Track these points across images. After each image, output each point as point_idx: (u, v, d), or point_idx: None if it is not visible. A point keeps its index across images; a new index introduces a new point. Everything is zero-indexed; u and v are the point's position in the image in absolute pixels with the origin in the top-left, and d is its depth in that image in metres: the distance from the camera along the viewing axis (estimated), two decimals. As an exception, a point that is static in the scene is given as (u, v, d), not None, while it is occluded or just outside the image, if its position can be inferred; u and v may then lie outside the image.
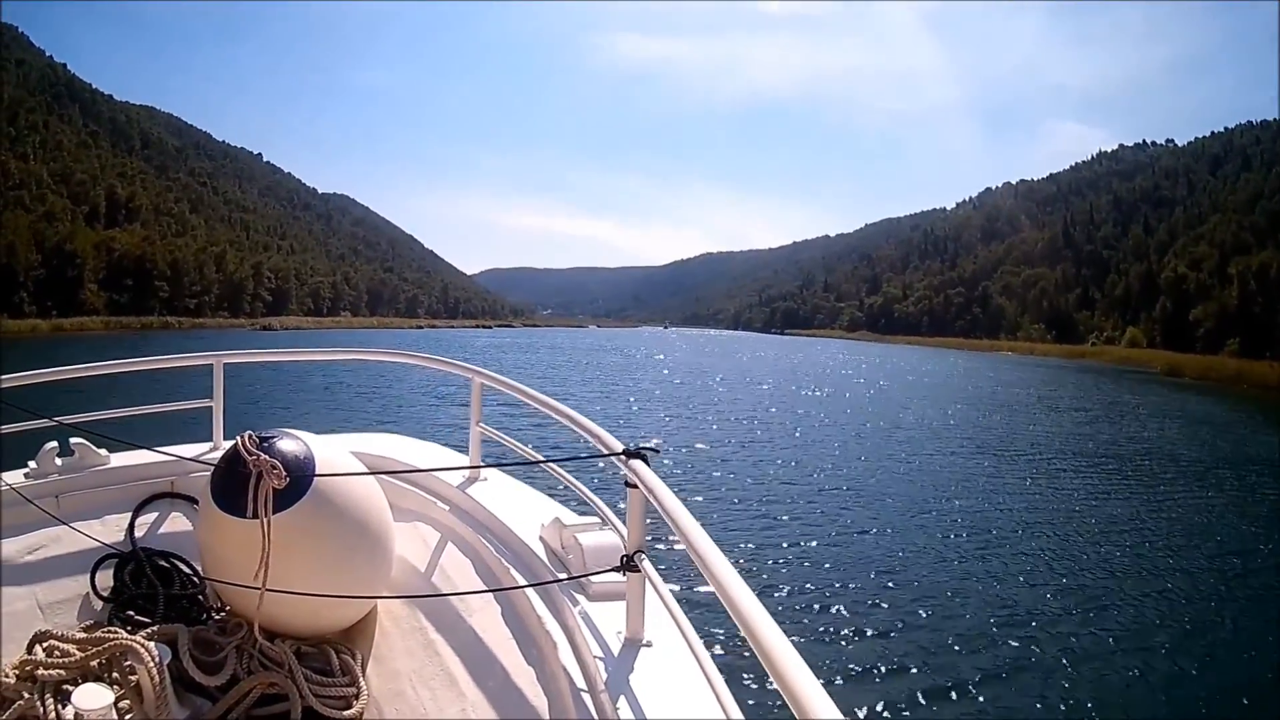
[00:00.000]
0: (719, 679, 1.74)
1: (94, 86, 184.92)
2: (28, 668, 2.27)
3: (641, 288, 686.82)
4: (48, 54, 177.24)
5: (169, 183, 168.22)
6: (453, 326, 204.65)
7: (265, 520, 2.50)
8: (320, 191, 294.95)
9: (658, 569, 2.16)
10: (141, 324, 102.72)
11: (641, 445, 2.27)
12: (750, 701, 6.74)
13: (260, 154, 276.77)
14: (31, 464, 3.50)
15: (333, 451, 2.85)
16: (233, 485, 2.60)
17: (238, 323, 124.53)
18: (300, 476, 2.64)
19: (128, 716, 2.20)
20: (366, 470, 2.95)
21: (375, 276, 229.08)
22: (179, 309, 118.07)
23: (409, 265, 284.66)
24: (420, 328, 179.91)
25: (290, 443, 2.74)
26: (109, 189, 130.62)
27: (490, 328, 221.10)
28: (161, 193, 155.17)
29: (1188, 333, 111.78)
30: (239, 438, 2.70)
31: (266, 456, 2.61)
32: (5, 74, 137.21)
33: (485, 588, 2.96)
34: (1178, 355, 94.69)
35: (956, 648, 9.36)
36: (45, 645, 2.36)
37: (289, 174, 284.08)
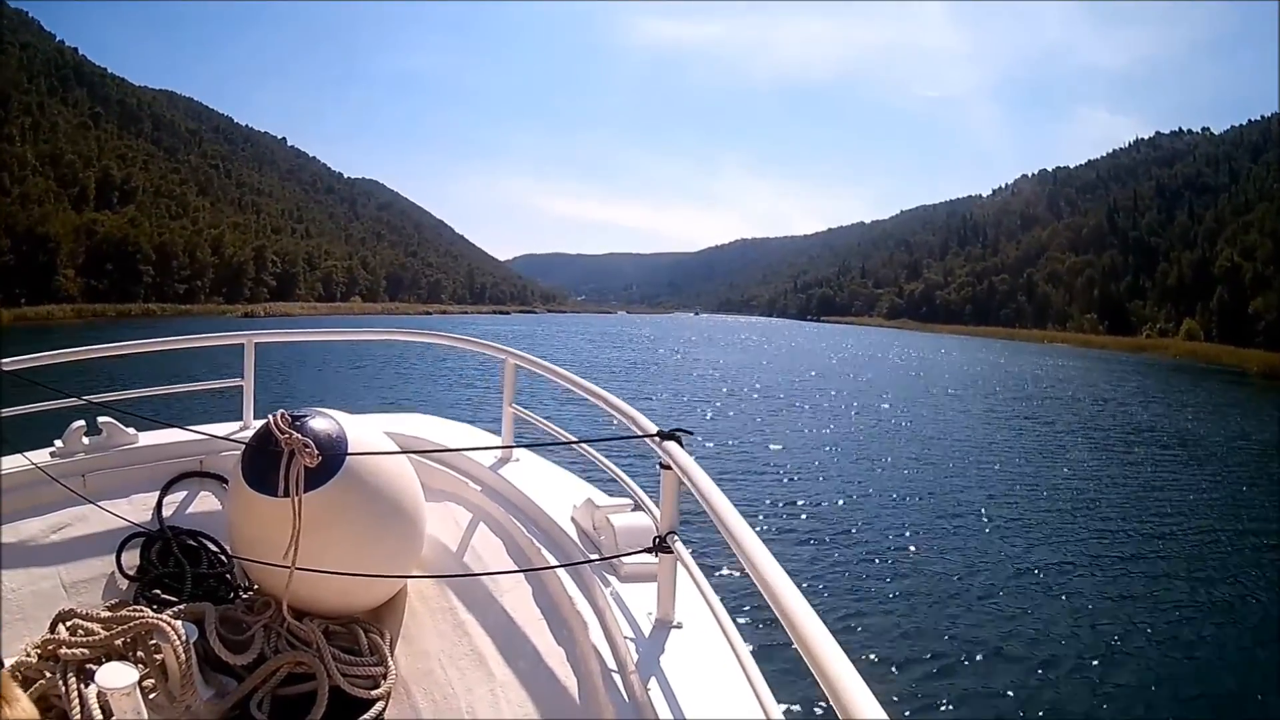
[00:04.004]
0: (750, 661, 1.76)
1: (107, 70, 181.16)
2: (50, 647, 2.29)
3: (676, 274, 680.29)
4: (58, 38, 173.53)
5: (176, 165, 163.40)
6: (467, 312, 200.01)
7: (296, 499, 2.52)
8: (347, 176, 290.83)
9: (689, 551, 2.16)
10: (118, 311, 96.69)
11: (675, 428, 2.25)
12: (781, 683, 6.76)
13: (284, 138, 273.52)
14: (58, 443, 3.52)
15: (365, 431, 2.88)
16: (264, 464, 2.61)
17: (230, 309, 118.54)
18: (332, 455, 2.65)
19: (152, 695, 2.20)
20: (399, 449, 3.02)
21: (397, 261, 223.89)
22: (168, 295, 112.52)
23: (435, 250, 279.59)
24: (429, 313, 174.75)
25: (323, 422, 2.75)
26: (103, 171, 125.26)
27: (508, 313, 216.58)
28: (166, 175, 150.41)
29: (1247, 325, 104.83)
30: (271, 416, 2.71)
31: (299, 435, 2.61)
32: (5, 56, 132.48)
33: (516, 568, 2.97)
34: (1257, 353, 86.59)
35: (991, 641, 9.39)
36: (69, 624, 2.37)
37: (314, 158, 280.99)
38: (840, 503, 15.67)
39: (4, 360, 3.42)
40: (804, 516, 14.41)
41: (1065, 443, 24.86)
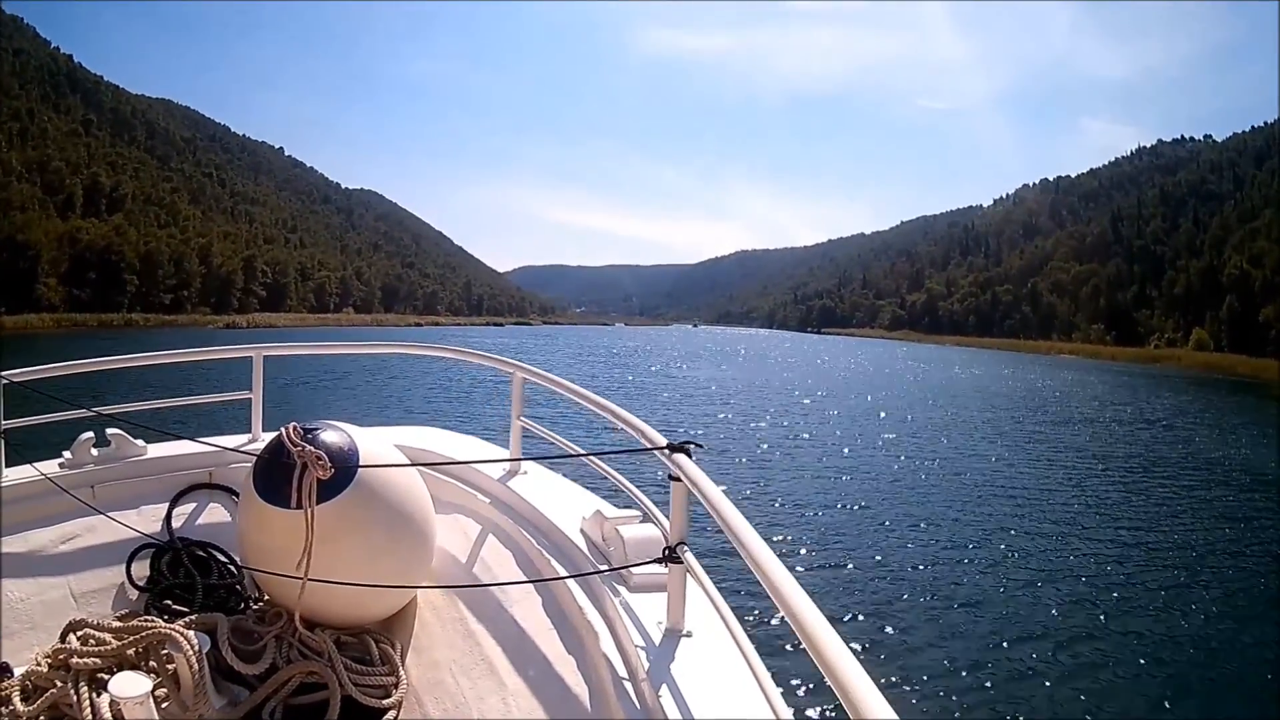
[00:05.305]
0: (762, 669, 1.80)
1: (102, 78, 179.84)
2: (61, 656, 2.29)
3: (675, 285, 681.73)
4: (53, 45, 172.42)
5: (169, 173, 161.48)
6: (459, 324, 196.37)
7: (309, 510, 2.55)
8: (345, 187, 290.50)
9: (699, 562, 2.20)
10: (99, 321, 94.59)
11: (685, 440, 2.27)
12: (793, 691, 7.02)
13: (282, 148, 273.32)
14: (67, 454, 3.58)
15: (376, 443, 2.91)
16: (276, 476, 2.64)
17: (214, 320, 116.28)
18: (344, 468, 2.68)
19: (165, 704, 2.21)
20: (409, 462, 3.07)
21: (392, 272, 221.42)
22: (154, 305, 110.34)
23: (432, 261, 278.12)
24: (420, 324, 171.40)
25: (334, 434, 2.78)
26: (91, 178, 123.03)
27: (501, 325, 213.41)
28: (157, 183, 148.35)
29: (1258, 334, 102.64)
30: (284, 429, 2.75)
31: (311, 447, 2.64)
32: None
33: (526, 578, 3.01)
34: (1275, 363, 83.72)
35: (1001, 645, 9.40)
36: (80, 634, 2.37)
37: (311, 168, 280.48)
38: (849, 514, 15.49)
39: (13, 372, 3.44)
40: (812, 528, 14.25)
41: (1118, 476, 21.84)
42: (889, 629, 9.75)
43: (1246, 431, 33.62)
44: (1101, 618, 10.65)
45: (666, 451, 2.21)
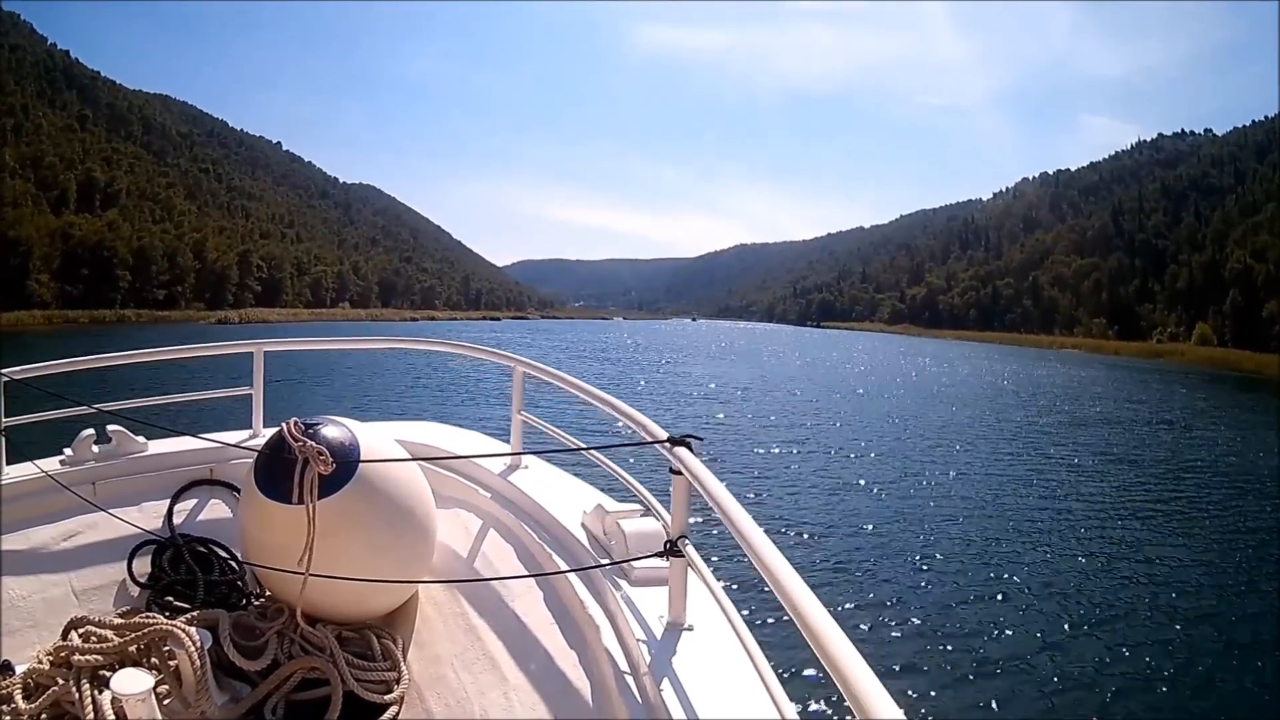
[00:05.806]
0: (764, 662, 1.81)
1: (99, 73, 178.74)
2: (63, 654, 2.28)
3: (674, 279, 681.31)
4: (49, 41, 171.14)
5: (165, 169, 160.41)
6: (456, 319, 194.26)
7: (310, 505, 2.55)
8: (343, 181, 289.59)
9: (700, 555, 2.19)
10: (91, 318, 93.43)
11: (686, 434, 2.26)
12: (795, 684, 6.94)
13: (279, 143, 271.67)
14: (68, 451, 3.59)
15: (377, 438, 2.92)
16: (277, 471, 2.64)
17: (207, 315, 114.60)
18: (345, 463, 2.68)
19: (167, 701, 2.21)
20: (410, 457, 3.05)
21: (390, 267, 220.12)
22: (147, 301, 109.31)
23: (431, 256, 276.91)
24: (415, 319, 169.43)
25: (335, 429, 2.78)
26: (85, 173, 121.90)
27: (498, 319, 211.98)
28: (152, 178, 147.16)
29: (1261, 329, 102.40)
30: (285, 424, 2.74)
31: (312, 443, 2.64)
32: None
33: (527, 573, 3.01)
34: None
35: (1010, 643, 9.27)
36: (81, 631, 2.36)
37: (309, 163, 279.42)
38: (852, 508, 15.33)
39: (13, 369, 3.46)
40: (815, 521, 14.17)
41: (1149, 481, 20.73)
42: (893, 623, 9.67)
43: (1267, 433, 32.30)
44: (1118, 619, 10.39)
45: (668, 445, 2.20)
